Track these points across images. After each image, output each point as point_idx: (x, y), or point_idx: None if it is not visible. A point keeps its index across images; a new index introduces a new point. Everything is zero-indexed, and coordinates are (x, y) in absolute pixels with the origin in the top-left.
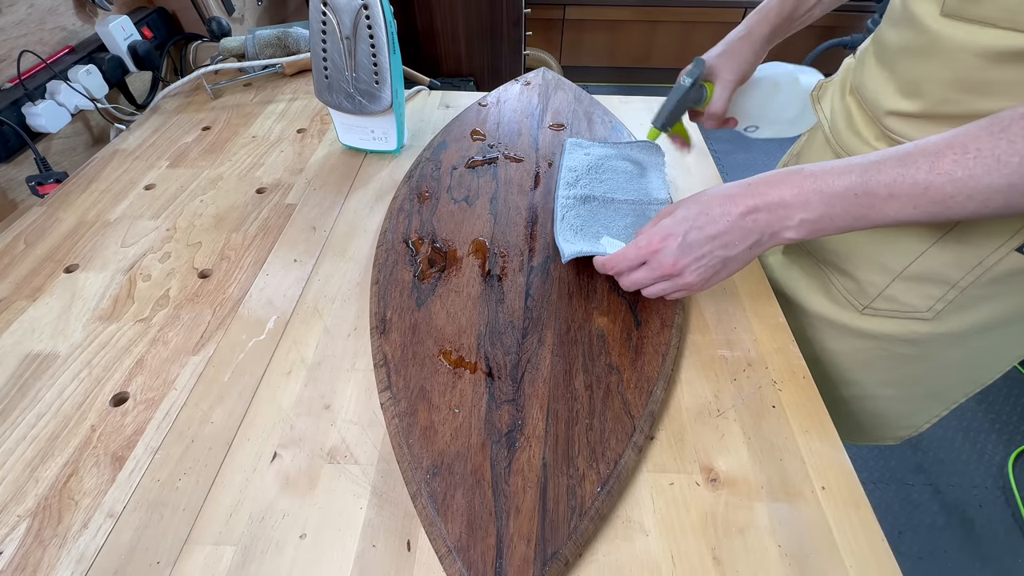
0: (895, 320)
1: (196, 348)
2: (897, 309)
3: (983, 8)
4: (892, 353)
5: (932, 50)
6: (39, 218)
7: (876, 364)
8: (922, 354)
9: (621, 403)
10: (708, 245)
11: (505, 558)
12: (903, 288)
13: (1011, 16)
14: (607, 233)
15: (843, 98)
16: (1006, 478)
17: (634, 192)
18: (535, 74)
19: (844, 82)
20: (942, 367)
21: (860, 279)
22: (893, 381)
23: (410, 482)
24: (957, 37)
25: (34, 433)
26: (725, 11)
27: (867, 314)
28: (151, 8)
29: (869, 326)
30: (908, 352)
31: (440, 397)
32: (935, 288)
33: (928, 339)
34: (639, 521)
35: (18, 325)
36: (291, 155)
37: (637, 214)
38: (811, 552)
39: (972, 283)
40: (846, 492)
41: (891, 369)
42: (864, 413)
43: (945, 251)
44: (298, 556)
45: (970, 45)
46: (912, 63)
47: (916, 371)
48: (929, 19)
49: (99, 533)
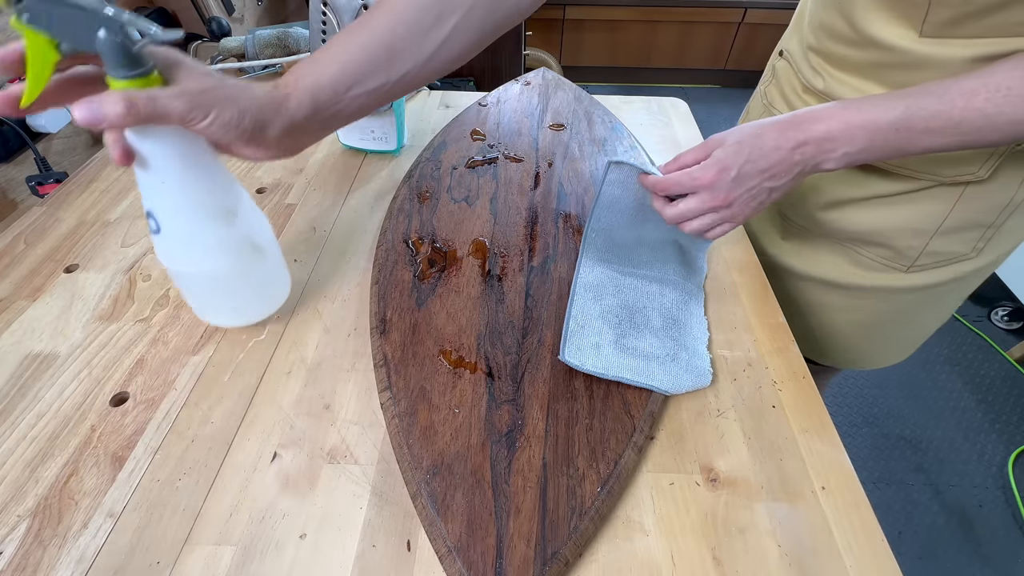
0: (942, 268)
1: (196, 348)
2: (942, 259)
3: (966, 29)
4: (941, 292)
5: (921, 64)
6: (39, 218)
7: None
8: (961, 286)
9: (621, 403)
10: (759, 178)
11: (505, 558)
12: (942, 242)
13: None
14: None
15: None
16: (1006, 478)
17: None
18: (535, 74)
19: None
20: (968, 290)
21: (896, 246)
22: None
23: (410, 482)
24: (945, 53)
25: (34, 433)
26: (725, 11)
27: (914, 271)
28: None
29: (918, 280)
30: (955, 287)
31: (440, 397)
32: (973, 232)
33: (971, 273)
34: (639, 521)
35: (18, 325)
36: None
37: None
38: (811, 552)
39: (1007, 219)
40: (846, 492)
41: (940, 302)
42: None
43: (973, 202)
44: (298, 556)
45: (962, 55)
46: (898, 74)
47: (950, 302)
48: (907, 42)
49: (99, 533)
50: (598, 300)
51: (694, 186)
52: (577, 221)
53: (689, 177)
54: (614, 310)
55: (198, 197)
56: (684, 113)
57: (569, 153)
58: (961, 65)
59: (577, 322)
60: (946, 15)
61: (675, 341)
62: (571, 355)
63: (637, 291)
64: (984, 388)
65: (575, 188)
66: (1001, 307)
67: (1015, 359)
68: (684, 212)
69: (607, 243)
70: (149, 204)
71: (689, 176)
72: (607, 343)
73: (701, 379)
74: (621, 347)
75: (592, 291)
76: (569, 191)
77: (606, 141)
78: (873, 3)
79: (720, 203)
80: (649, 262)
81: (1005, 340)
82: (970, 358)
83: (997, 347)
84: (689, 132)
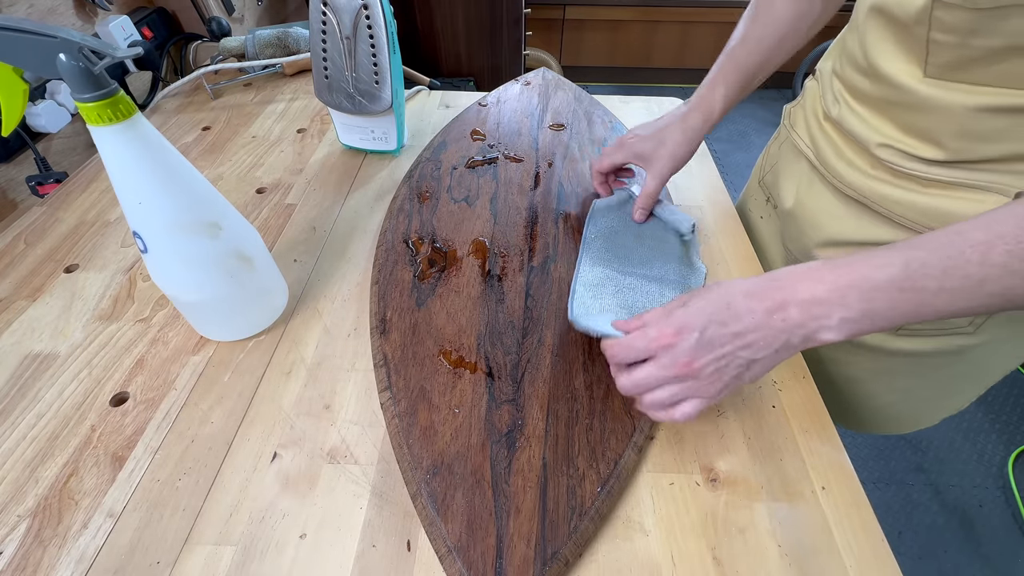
0: (934, 338)
1: (196, 348)
2: (934, 327)
3: (971, 75)
4: (929, 364)
5: (926, 107)
6: (39, 218)
7: (914, 373)
8: (959, 360)
9: (621, 403)
10: (730, 344)
11: (505, 558)
12: None
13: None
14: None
15: (819, 124)
16: (1006, 478)
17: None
18: (535, 74)
19: (814, 107)
20: (983, 365)
21: None
22: (931, 384)
23: (410, 482)
24: (949, 98)
25: (34, 433)
26: (725, 11)
27: (902, 335)
28: (151, 8)
29: (906, 345)
30: (945, 361)
31: (440, 397)
32: None
33: (968, 349)
34: (639, 521)
35: (18, 325)
36: (291, 155)
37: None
38: (811, 552)
39: None
40: (846, 492)
41: (931, 374)
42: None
43: None
44: (298, 556)
45: (965, 103)
46: (907, 114)
47: (956, 371)
48: (912, 81)
49: (99, 533)
50: (597, 299)
51: (648, 349)
52: (577, 221)
53: (643, 338)
54: (612, 309)
55: (177, 214)
56: None
57: (569, 153)
58: (965, 114)
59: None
60: (946, 58)
61: None
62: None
63: (636, 290)
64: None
65: (575, 188)
66: None
67: None
68: (639, 382)
69: (606, 244)
70: (133, 224)
71: (643, 337)
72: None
73: None
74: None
75: (591, 290)
76: (569, 191)
77: (606, 141)
78: (883, 36)
79: (682, 371)
80: (648, 261)
81: None
82: None
83: None
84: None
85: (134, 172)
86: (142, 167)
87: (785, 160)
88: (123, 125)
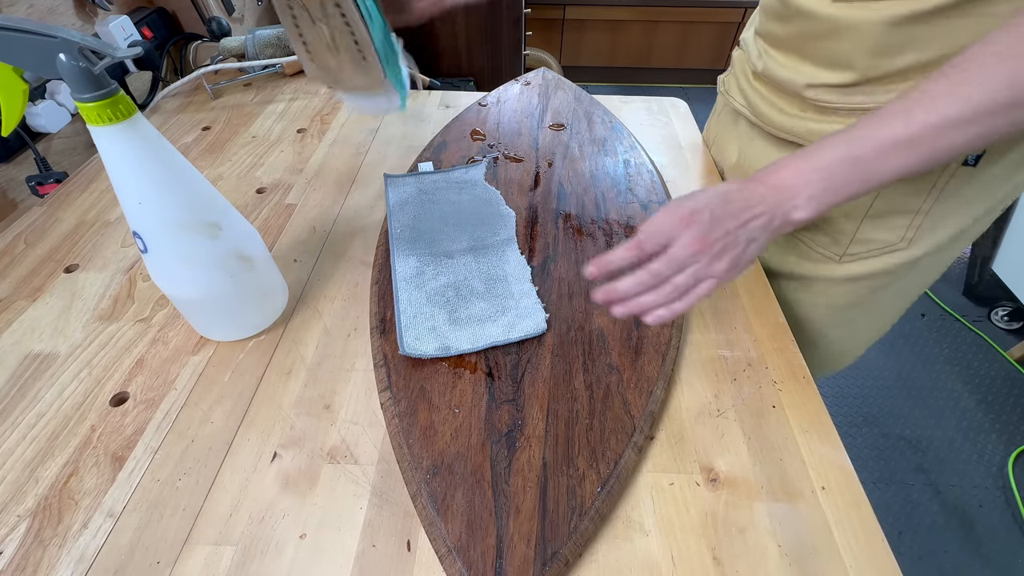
0: (874, 259)
1: (196, 348)
2: (872, 248)
3: None
4: (872, 287)
5: (837, 31)
6: (39, 218)
7: (857, 302)
8: (895, 280)
9: (621, 403)
10: (733, 222)
11: (505, 558)
12: (871, 227)
13: None
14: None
15: (750, 83)
16: (1006, 478)
17: (481, 232)
18: (535, 74)
19: (744, 70)
20: (907, 287)
21: (829, 231)
22: (865, 312)
23: (410, 482)
24: (857, 16)
25: (34, 433)
26: (725, 11)
27: (846, 261)
28: (151, 8)
29: (850, 271)
30: (885, 282)
31: (440, 397)
32: (902, 218)
33: (904, 266)
34: (639, 521)
35: (18, 325)
36: (291, 155)
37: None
38: (811, 552)
39: (933, 205)
40: (846, 492)
41: (872, 299)
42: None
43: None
44: (298, 556)
45: (872, 20)
46: (823, 44)
47: (886, 297)
48: (821, 8)
49: (99, 533)
50: (422, 287)
51: (674, 227)
52: (577, 221)
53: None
54: (439, 291)
55: (177, 214)
56: (684, 113)
57: (569, 153)
58: (877, 30)
59: (408, 314)
60: None
61: (501, 297)
62: (410, 347)
63: (455, 266)
64: (984, 388)
65: (575, 188)
66: (1001, 307)
67: (1015, 359)
68: (658, 271)
69: (413, 235)
70: (133, 224)
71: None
72: (443, 323)
73: (535, 319)
74: (455, 321)
75: (413, 281)
76: (569, 191)
77: (606, 141)
78: None
79: (699, 247)
80: (455, 236)
81: (1005, 340)
82: (970, 358)
83: (997, 347)
84: (689, 132)
85: (134, 172)
86: (142, 167)
87: (724, 127)
88: (123, 125)
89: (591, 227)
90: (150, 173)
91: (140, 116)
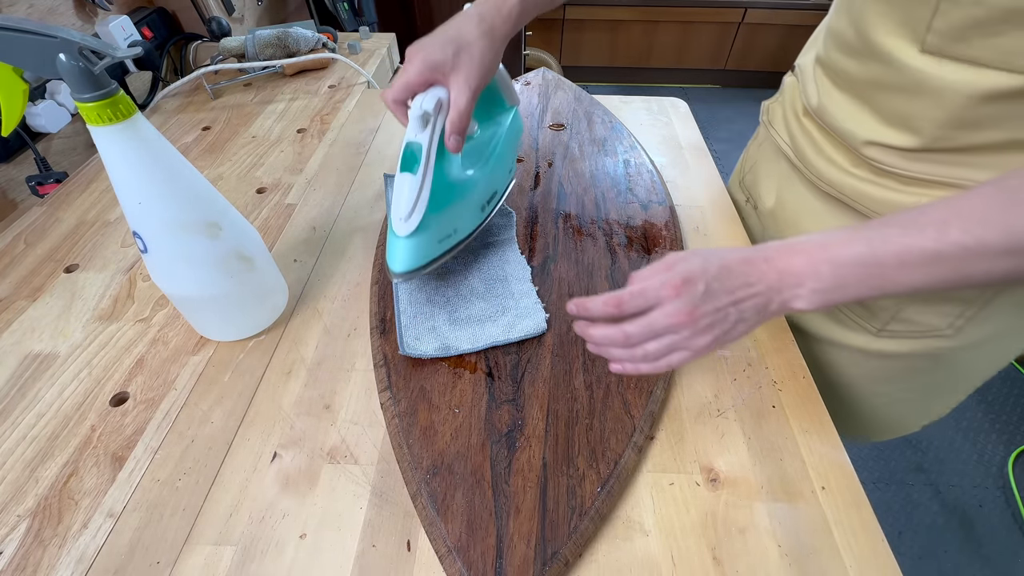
0: (914, 340)
1: (196, 348)
2: (915, 330)
3: (973, 50)
4: (912, 367)
5: (918, 89)
6: (39, 218)
7: (894, 378)
8: (943, 364)
9: (621, 403)
10: (727, 299)
11: (505, 558)
12: (917, 310)
13: (1004, 58)
14: None
15: (798, 120)
16: (1006, 478)
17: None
18: (535, 74)
19: (793, 103)
20: (962, 370)
21: (869, 304)
22: (911, 388)
23: (410, 482)
24: (945, 78)
25: (34, 433)
26: (725, 11)
27: (883, 336)
28: (151, 8)
29: (887, 347)
30: (928, 365)
31: (440, 397)
32: (951, 306)
33: (949, 352)
34: (639, 521)
35: (18, 325)
36: (291, 155)
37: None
38: (811, 552)
39: (993, 296)
40: (846, 492)
41: (910, 379)
42: (877, 418)
43: None
44: (298, 556)
45: (961, 86)
46: (894, 99)
47: (936, 378)
48: (907, 57)
49: (99, 533)
50: (422, 287)
51: (660, 296)
52: (577, 221)
53: (657, 284)
54: (440, 290)
55: (177, 214)
56: (684, 113)
57: (569, 153)
58: (960, 100)
59: (408, 314)
60: (956, 17)
61: (501, 297)
62: (410, 347)
63: (455, 266)
64: (984, 388)
65: (575, 188)
66: None
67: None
68: (634, 332)
69: None
70: (133, 224)
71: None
72: (442, 323)
73: (535, 319)
74: (455, 321)
75: (415, 281)
76: (569, 191)
77: (606, 141)
78: (883, 10)
79: (683, 320)
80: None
81: None
82: None
83: None
84: (689, 132)
85: (134, 172)
86: (142, 167)
87: (764, 159)
88: (123, 125)
89: (591, 227)
90: (150, 173)
91: (140, 116)
